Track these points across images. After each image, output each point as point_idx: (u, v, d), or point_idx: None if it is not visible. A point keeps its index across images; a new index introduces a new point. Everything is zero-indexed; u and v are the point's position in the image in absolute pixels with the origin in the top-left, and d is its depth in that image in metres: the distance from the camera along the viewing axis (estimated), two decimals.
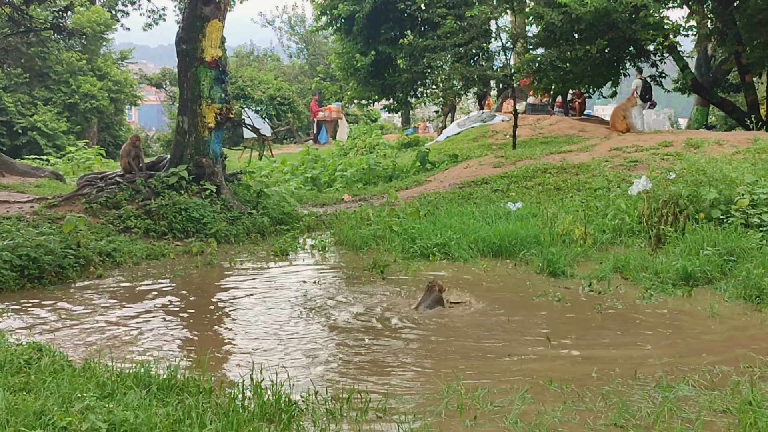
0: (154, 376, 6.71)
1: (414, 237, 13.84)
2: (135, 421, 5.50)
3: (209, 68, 15.98)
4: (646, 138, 20.57)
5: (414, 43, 29.03)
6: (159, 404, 6.11)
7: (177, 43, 16.32)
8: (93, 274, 11.92)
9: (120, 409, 5.69)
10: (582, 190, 16.54)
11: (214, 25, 16.02)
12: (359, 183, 23.18)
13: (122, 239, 13.71)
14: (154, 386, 6.50)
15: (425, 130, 48.18)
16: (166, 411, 5.89)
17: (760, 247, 11.37)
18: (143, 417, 5.57)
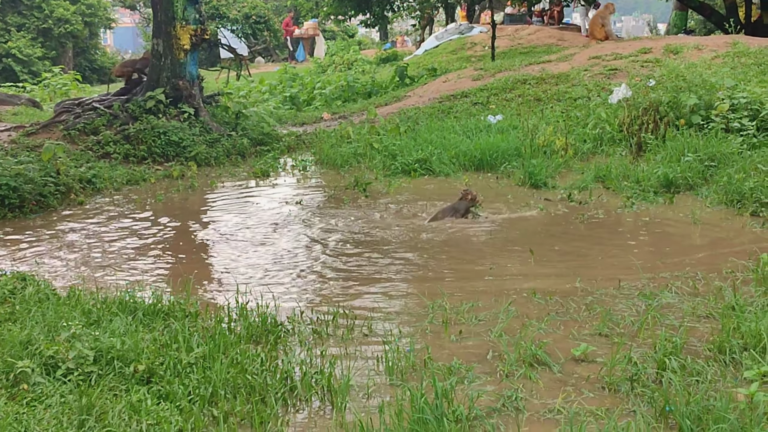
0: (140, 302, 6.72)
1: (395, 153, 13.81)
2: (122, 347, 5.51)
3: None
4: (625, 45, 20.46)
5: None
6: (145, 330, 6.13)
7: None
8: (74, 202, 11.86)
9: (106, 336, 5.70)
10: (562, 100, 16.48)
11: None
12: (338, 100, 23.01)
13: (102, 165, 13.60)
14: (140, 312, 6.51)
15: (403, 44, 47.77)
16: (152, 336, 5.92)
17: (741, 152, 11.37)
18: (130, 343, 5.58)
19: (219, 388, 5.10)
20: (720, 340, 5.60)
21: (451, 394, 4.90)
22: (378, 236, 9.56)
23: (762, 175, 10.23)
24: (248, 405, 4.98)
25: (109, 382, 5.18)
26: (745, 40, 19.35)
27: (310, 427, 4.88)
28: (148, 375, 5.31)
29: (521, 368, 5.45)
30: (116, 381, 5.23)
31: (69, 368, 5.26)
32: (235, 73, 19.97)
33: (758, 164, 10.62)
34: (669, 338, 5.62)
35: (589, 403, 4.95)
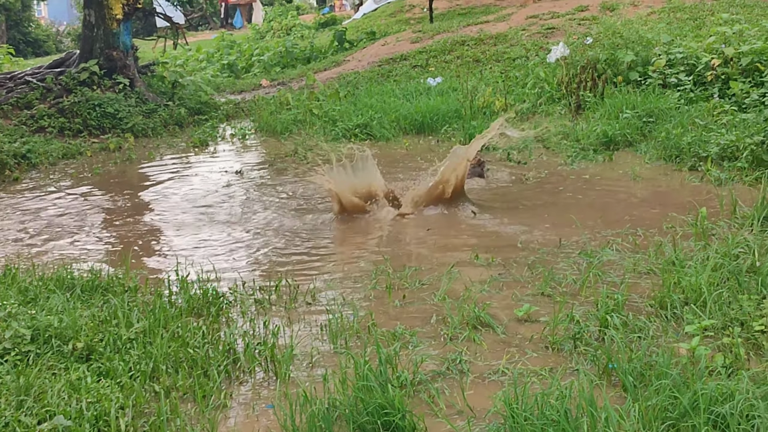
0: (78, 278, 6.60)
1: (335, 119, 13.73)
2: (59, 325, 5.41)
3: None
4: (562, 4, 20.49)
5: None
6: (84, 306, 6.02)
7: None
8: (9, 178, 11.66)
9: (43, 314, 5.60)
10: (501, 60, 16.49)
11: None
12: (277, 67, 22.84)
13: (37, 140, 13.35)
14: (78, 288, 6.39)
15: (342, 8, 47.53)
16: (91, 313, 5.81)
17: (678, 107, 11.45)
18: (68, 320, 5.48)
19: (160, 363, 5.03)
20: (661, 296, 5.63)
21: (395, 360, 4.88)
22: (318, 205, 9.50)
23: (699, 129, 10.31)
24: (190, 379, 4.91)
25: (47, 360, 5.08)
26: None
27: (254, 399, 4.83)
28: (87, 352, 5.22)
29: (465, 331, 5.44)
30: (55, 359, 5.13)
31: (5, 348, 5.15)
32: (172, 42, 19.70)
33: (695, 119, 10.71)
34: (610, 295, 5.63)
35: (533, 363, 4.95)
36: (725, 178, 8.96)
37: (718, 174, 9.04)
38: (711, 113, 10.87)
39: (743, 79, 11.58)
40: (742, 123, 10.05)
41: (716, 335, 5.03)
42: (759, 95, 10.88)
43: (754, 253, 6.07)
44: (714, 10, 16.97)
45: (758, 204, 7.25)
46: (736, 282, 5.65)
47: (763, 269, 5.71)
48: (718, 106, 10.96)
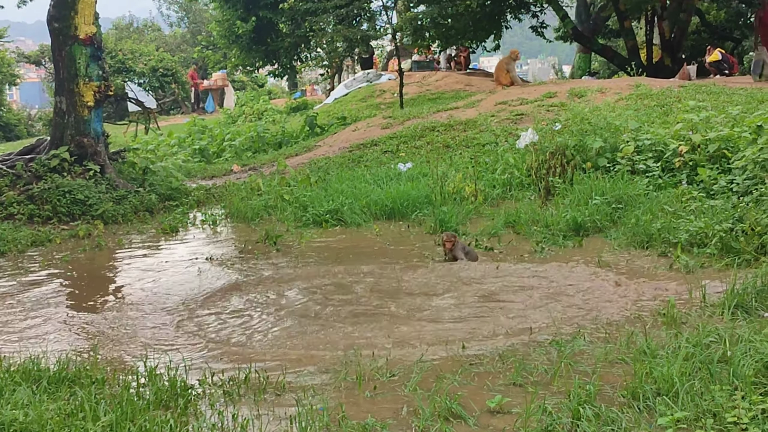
0: (44, 370, 6.49)
1: (306, 205, 13.73)
2: (25, 419, 5.30)
3: (84, 46, 15.51)
4: (530, 90, 20.76)
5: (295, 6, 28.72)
6: (50, 399, 5.91)
7: (49, 22, 15.80)
8: None
9: (8, 407, 5.49)
10: (470, 146, 16.62)
11: (87, 1, 15.51)
12: (248, 152, 22.91)
13: (5, 227, 13.23)
14: (45, 380, 6.28)
15: (313, 92, 47.96)
16: (57, 406, 5.70)
17: (647, 193, 11.58)
18: (33, 414, 5.38)
19: None
20: (633, 386, 5.60)
21: None
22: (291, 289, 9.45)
23: (668, 216, 10.40)
24: None
25: None
26: (648, 81, 19.81)
27: None
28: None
29: (436, 423, 5.38)
30: None
31: None
32: (143, 127, 19.76)
33: (664, 205, 10.81)
34: (582, 386, 5.60)
35: None
36: (695, 265, 9.01)
37: (688, 261, 9.09)
38: (679, 200, 10.98)
39: (711, 165, 11.72)
40: (710, 210, 10.14)
41: (689, 427, 4.99)
42: (726, 182, 11.02)
43: (725, 343, 6.06)
44: (681, 97, 17.24)
45: (728, 292, 7.29)
46: (707, 372, 5.63)
47: (734, 359, 5.70)
48: (686, 193, 11.08)
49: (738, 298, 7.24)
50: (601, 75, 36.73)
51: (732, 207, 10.00)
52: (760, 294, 7.30)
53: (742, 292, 7.33)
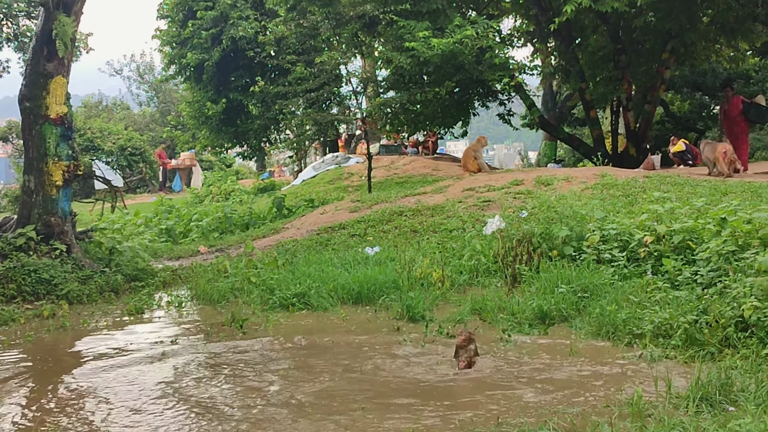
0: None
1: (273, 288, 13.70)
2: None
3: (54, 125, 15.53)
4: (497, 177, 20.95)
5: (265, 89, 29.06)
6: None
7: (20, 101, 15.82)
8: None
9: None
10: (438, 231, 16.69)
11: (58, 82, 15.60)
12: (215, 232, 22.87)
13: None
14: None
15: (281, 173, 48.15)
16: None
17: (612, 283, 11.66)
18: None
19: None
20: None
21: None
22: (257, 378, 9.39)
23: (633, 306, 10.47)
24: None
25: None
26: (613, 171, 20.07)
27: None
28: None
29: None
30: None
31: None
32: (110, 205, 19.70)
33: (629, 295, 10.89)
34: None
35: None
36: (660, 356, 9.06)
37: (653, 352, 9.14)
38: (644, 290, 11.06)
39: (675, 256, 11.84)
40: (675, 301, 10.22)
41: None
42: (691, 273, 11.12)
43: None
44: (646, 187, 17.46)
45: (693, 384, 7.33)
46: None
47: None
48: (651, 283, 11.16)
49: (703, 390, 7.28)
50: (566, 163, 37.21)
51: (696, 298, 10.10)
52: (724, 387, 7.35)
53: (706, 384, 7.38)
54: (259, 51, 31.84)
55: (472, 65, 23.84)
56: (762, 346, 8.72)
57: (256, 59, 31.93)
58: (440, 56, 22.61)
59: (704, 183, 17.94)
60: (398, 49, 23.68)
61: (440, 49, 22.32)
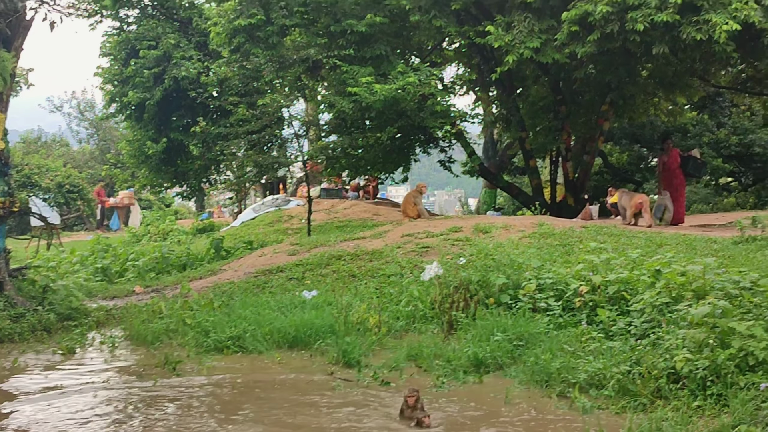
0: None
1: (208, 330, 13.56)
2: None
3: None
4: (436, 224, 21.01)
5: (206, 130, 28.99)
6: None
7: None
8: None
9: None
10: (376, 276, 16.67)
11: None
12: (152, 272, 22.61)
13: None
14: None
15: (221, 214, 47.89)
16: None
17: (548, 332, 11.72)
18: None
19: None
20: None
21: None
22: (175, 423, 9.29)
23: (568, 355, 10.53)
24: None
25: None
26: (551, 220, 20.25)
27: None
28: None
29: None
30: None
31: None
32: (45, 242, 19.44)
33: (564, 344, 10.96)
34: None
35: None
36: (592, 407, 9.11)
37: (586, 402, 9.18)
38: (579, 339, 11.13)
39: (610, 307, 11.94)
40: (608, 351, 10.31)
41: None
42: (625, 324, 11.23)
43: None
44: (583, 238, 17.62)
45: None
46: None
47: None
48: (586, 333, 11.24)
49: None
50: (506, 211, 37.50)
51: (630, 349, 10.20)
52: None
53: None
54: (202, 91, 31.80)
55: (413, 112, 23.99)
56: (693, 398, 8.82)
57: (198, 99, 31.88)
58: (382, 102, 22.72)
59: (640, 234, 18.15)
60: (341, 93, 23.77)
61: (383, 95, 22.44)
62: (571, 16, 21.07)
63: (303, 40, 26.07)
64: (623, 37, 20.82)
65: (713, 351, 9.23)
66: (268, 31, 24.62)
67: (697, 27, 19.76)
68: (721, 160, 35.93)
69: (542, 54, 22.42)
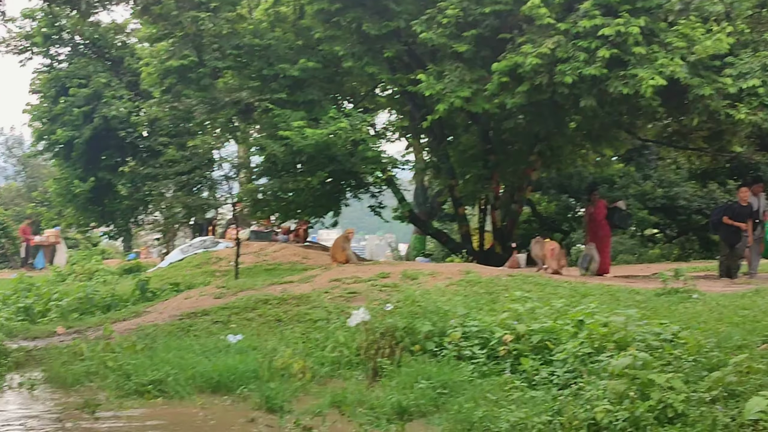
0: None
1: (129, 373, 13.36)
2: None
3: None
4: (365, 269, 21.01)
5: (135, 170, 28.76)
6: None
7: None
8: None
9: None
10: (302, 321, 16.57)
11: None
12: (76, 313, 22.21)
13: None
14: None
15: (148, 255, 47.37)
16: None
17: (472, 380, 11.74)
18: None
19: None
20: None
21: None
22: None
23: (491, 404, 10.55)
24: None
25: None
26: (478, 268, 20.37)
27: None
28: None
29: None
30: None
31: None
32: None
33: (487, 393, 10.97)
34: None
35: None
36: None
37: None
38: (502, 388, 11.17)
39: (534, 356, 12.01)
40: (531, 400, 10.36)
41: None
42: (548, 373, 11.31)
43: None
44: (508, 286, 17.73)
45: None
46: None
47: None
48: (509, 382, 11.28)
49: None
50: (435, 257, 37.63)
51: (552, 399, 10.26)
52: None
53: None
54: (132, 131, 31.68)
55: (345, 157, 24.09)
56: None
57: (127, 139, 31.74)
58: (314, 146, 22.80)
59: (565, 284, 18.33)
60: (272, 137, 23.82)
61: (314, 140, 22.53)
62: (502, 67, 21.38)
63: (235, 83, 26.13)
64: (552, 89, 21.18)
65: (633, 402, 9.31)
66: (201, 73, 24.62)
67: (624, 81, 20.19)
68: (646, 212, 36.46)
69: (473, 103, 22.67)
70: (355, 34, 24.51)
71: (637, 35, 20.07)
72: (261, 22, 28.39)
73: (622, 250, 38.09)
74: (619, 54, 20.23)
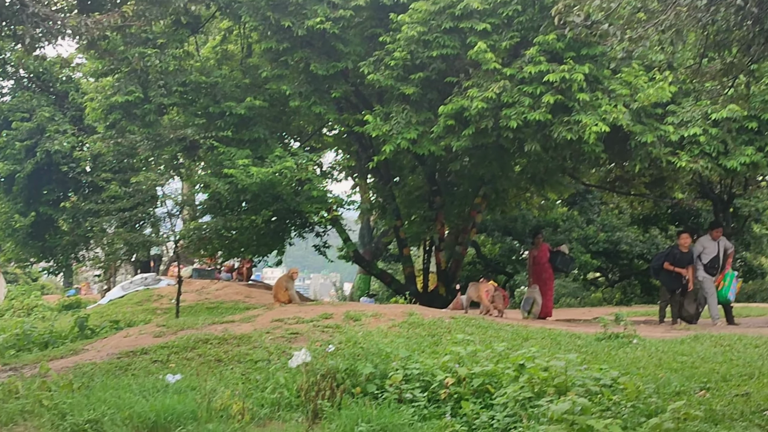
0: None
1: (65, 413, 13.12)
2: None
3: None
4: (307, 310, 20.90)
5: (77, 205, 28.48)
6: None
7: None
8: None
9: None
10: (243, 362, 16.42)
11: None
12: (12, 350, 21.84)
13: None
14: None
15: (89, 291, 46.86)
16: None
17: (412, 423, 11.67)
18: None
19: None
20: None
21: None
22: None
23: None
24: None
25: None
26: (421, 310, 20.34)
27: None
28: None
29: None
30: None
31: None
32: None
33: None
34: None
35: None
36: None
37: None
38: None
39: (474, 399, 11.99)
40: None
41: None
42: (488, 417, 11.28)
43: None
44: (451, 328, 17.74)
45: None
46: None
47: None
48: (449, 426, 11.24)
49: None
50: (379, 297, 37.67)
51: None
52: None
53: None
54: (74, 166, 31.40)
55: (290, 196, 24.04)
56: None
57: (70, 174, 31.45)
58: (259, 185, 22.74)
59: (507, 327, 18.37)
60: (217, 174, 23.71)
61: (259, 178, 22.46)
62: (448, 110, 21.53)
63: (181, 120, 26.04)
64: (497, 132, 21.35)
65: None
66: (146, 109, 24.49)
67: (568, 127, 20.42)
68: (589, 256, 36.82)
69: (419, 145, 22.77)
70: (303, 73, 24.61)
71: (582, 82, 20.34)
72: (208, 59, 28.43)
73: (564, 293, 38.39)
74: (563, 100, 20.47)
